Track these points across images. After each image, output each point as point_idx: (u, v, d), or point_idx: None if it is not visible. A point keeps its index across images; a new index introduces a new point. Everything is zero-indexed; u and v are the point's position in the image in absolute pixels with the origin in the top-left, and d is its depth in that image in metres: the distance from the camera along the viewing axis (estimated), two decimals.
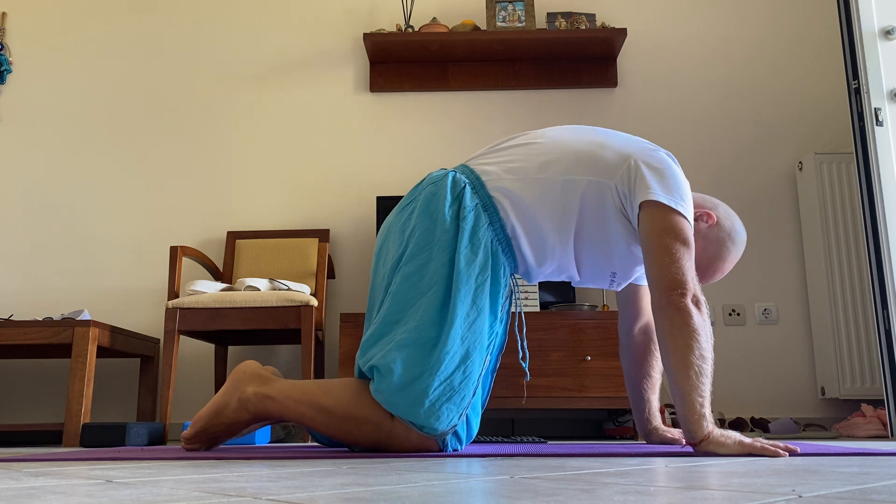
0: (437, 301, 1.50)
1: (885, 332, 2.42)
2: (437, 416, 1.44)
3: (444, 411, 1.45)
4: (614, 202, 1.57)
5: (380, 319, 1.54)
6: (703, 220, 1.69)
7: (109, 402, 3.12)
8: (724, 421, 2.88)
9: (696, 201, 1.72)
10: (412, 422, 1.45)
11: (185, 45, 3.45)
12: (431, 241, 1.55)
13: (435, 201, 1.58)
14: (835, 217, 3.03)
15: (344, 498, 0.71)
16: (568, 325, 2.69)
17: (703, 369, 1.41)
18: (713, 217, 1.69)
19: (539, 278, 1.68)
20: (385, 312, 1.54)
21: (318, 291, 2.74)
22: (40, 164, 3.33)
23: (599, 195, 1.57)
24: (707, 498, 0.69)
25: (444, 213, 1.56)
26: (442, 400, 1.45)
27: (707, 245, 1.69)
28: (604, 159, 1.58)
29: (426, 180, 1.65)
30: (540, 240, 1.59)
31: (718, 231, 1.70)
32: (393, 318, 1.52)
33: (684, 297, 1.45)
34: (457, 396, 1.47)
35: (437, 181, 1.62)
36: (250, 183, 3.31)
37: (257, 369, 1.59)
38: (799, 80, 3.36)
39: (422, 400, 1.44)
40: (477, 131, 3.34)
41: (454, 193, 1.58)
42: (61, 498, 0.73)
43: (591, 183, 1.57)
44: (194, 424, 1.58)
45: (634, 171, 1.55)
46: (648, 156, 1.58)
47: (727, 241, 1.70)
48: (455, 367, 1.47)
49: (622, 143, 1.62)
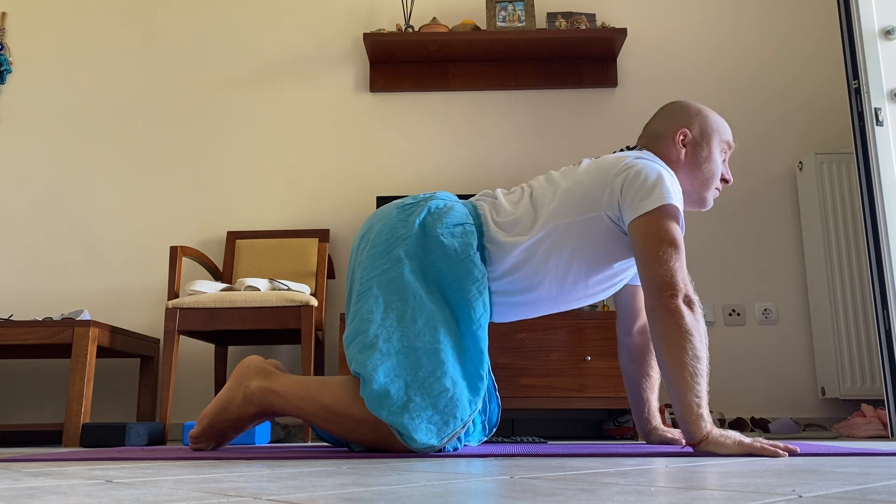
0: (420, 312, 1.51)
1: (885, 332, 2.42)
2: (416, 429, 1.43)
3: (422, 427, 1.44)
4: (608, 227, 1.60)
5: (358, 315, 1.55)
6: (680, 141, 1.73)
7: (109, 402, 3.12)
8: (724, 421, 2.88)
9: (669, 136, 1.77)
10: (395, 428, 1.45)
11: (185, 44, 3.45)
12: (417, 249, 1.57)
13: (438, 216, 1.61)
14: (835, 217, 3.03)
15: (344, 498, 0.71)
16: (568, 325, 2.69)
17: (698, 370, 1.42)
18: (686, 131, 1.74)
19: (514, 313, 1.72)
20: (363, 308, 1.54)
21: (318, 291, 2.74)
22: (40, 164, 3.33)
23: (596, 227, 1.60)
24: (707, 498, 0.69)
25: (439, 230, 1.59)
26: (422, 415, 1.44)
27: (697, 153, 1.73)
28: (587, 195, 1.61)
29: (441, 195, 1.69)
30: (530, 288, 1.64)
31: (698, 137, 1.74)
32: (368, 316, 1.53)
33: (675, 298, 1.46)
34: (437, 416, 1.45)
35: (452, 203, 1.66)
36: (250, 183, 3.31)
37: (261, 364, 1.60)
38: (799, 80, 3.36)
39: (401, 411, 1.44)
40: (477, 131, 3.34)
41: (459, 220, 1.61)
42: (61, 498, 0.73)
43: (585, 220, 1.60)
44: (200, 422, 1.58)
45: (616, 195, 1.59)
46: (622, 173, 1.60)
47: (708, 130, 1.75)
48: (437, 381, 1.46)
49: (596, 171, 1.65)
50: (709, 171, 1.74)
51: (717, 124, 1.76)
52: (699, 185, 1.76)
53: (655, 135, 1.77)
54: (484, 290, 1.57)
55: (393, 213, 1.64)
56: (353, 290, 1.63)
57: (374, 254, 1.59)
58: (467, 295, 1.55)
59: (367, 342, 1.50)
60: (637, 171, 1.58)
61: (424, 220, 1.61)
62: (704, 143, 1.74)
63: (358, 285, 1.59)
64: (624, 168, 1.60)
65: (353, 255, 1.70)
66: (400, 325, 1.50)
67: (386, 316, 1.52)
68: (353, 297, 1.62)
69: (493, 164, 3.30)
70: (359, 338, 1.51)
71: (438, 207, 1.64)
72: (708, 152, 1.74)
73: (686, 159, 1.73)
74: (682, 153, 1.73)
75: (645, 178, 1.56)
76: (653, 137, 1.77)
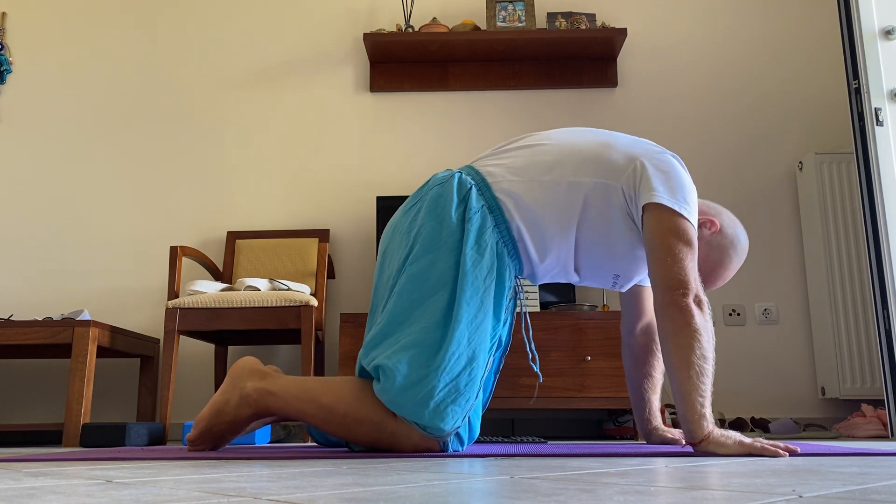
0: (443, 303, 1.50)
1: (885, 332, 2.42)
2: (443, 418, 1.44)
3: (449, 412, 1.45)
4: (620, 204, 1.57)
5: (384, 319, 1.54)
6: (707, 227, 1.69)
7: (109, 402, 3.12)
8: (724, 421, 2.88)
9: (700, 208, 1.72)
10: (416, 422, 1.45)
11: (185, 44, 3.45)
12: (438, 242, 1.55)
13: (441, 202, 1.58)
14: (835, 217, 3.03)
15: (344, 498, 0.71)
16: (568, 325, 2.69)
17: (704, 369, 1.41)
18: (716, 224, 1.69)
19: (544, 279, 1.68)
20: (390, 313, 1.53)
21: (318, 291, 2.74)
22: (40, 164, 3.33)
23: (605, 196, 1.57)
24: (707, 498, 0.69)
25: (450, 215, 1.56)
26: (447, 401, 1.45)
27: (710, 252, 1.70)
28: (610, 161, 1.59)
29: (432, 181, 1.65)
30: (543, 240, 1.59)
31: (721, 238, 1.70)
32: (398, 318, 1.52)
33: (686, 296, 1.46)
34: (462, 398, 1.46)
35: (443, 182, 1.62)
36: (250, 183, 3.31)
37: (255, 365, 1.59)
38: (799, 80, 3.36)
39: (427, 401, 1.44)
40: (477, 131, 3.34)
41: (460, 195, 1.59)
42: (61, 498, 0.73)
43: (597, 184, 1.57)
44: (197, 426, 1.57)
45: (640, 173, 1.55)
46: (655, 158, 1.58)
47: (729, 248, 1.70)
48: (461, 369, 1.47)
49: (628, 144, 1.62)
50: (716, 260, 1.69)
51: (731, 260, 1.71)
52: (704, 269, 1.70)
53: None
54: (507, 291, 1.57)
55: (411, 214, 1.63)
56: (381, 287, 1.62)
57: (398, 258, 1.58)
58: (501, 298, 1.55)
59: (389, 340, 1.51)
60: (669, 163, 1.57)
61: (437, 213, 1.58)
62: (719, 250, 1.70)
63: (388, 283, 1.59)
64: (655, 152, 1.59)
65: (384, 243, 1.68)
66: (421, 318, 1.50)
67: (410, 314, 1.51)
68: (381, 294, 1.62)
69: None
70: (388, 340, 1.51)
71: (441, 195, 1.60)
72: (717, 257, 1.69)
73: (705, 238, 1.68)
74: (708, 231, 1.69)
75: (678, 174, 1.56)
76: None
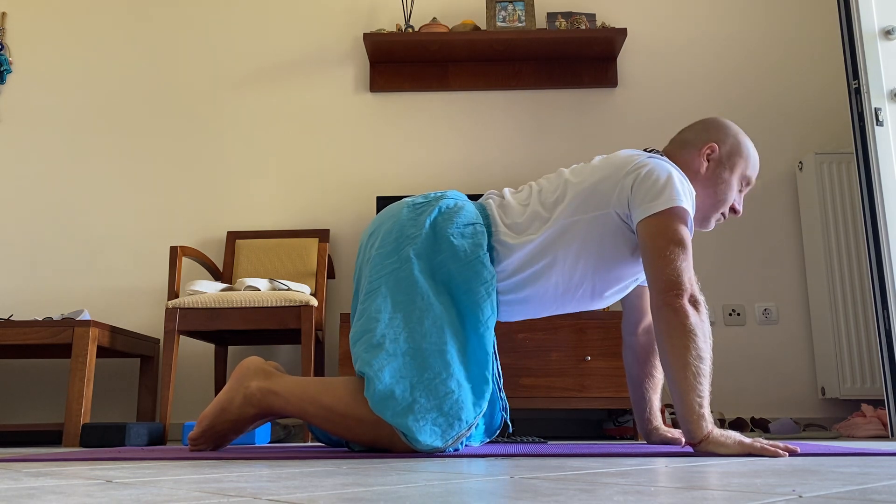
0: (428, 313, 1.51)
1: (885, 332, 2.42)
2: (421, 430, 1.43)
3: (426, 429, 1.44)
4: (618, 225, 1.59)
5: (365, 314, 1.55)
6: (706, 153, 1.70)
7: (109, 402, 3.12)
8: (724, 421, 2.88)
9: None
10: (398, 429, 1.45)
11: (185, 44, 3.45)
12: (426, 249, 1.57)
13: (448, 216, 1.61)
14: (835, 217, 3.03)
15: (344, 498, 0.71)
16: (568, 324, 2.69)
17: (701, 370, 1.42)
18: (714, 145, 1.70)
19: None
20: (371, 307, 1.54)
21: (317, 291, 2.74)
22: (40, 164, 3.33)
23: (603, 225, 1.59)
24: (707, 498, 0.69)
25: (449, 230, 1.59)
26: (427, 417, 1.44)
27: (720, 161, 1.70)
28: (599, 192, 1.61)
29: (451, 194, 1.69)
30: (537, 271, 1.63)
31: (724, 147, 1.71)
32: (376, 315, 1.53)
33: (680, 297, 1.46)
34: (442, 418, 1.45)
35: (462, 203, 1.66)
36: (250, 183, 3.31)
37: (260, 364, 1.60)
38: (799, 80, 3.36)
39: (406, 413, 1.44)
40: (477, 131, 3.34)
41: (469, 220, 1.61)
42: (61, 498, 0.73)
43: (594, 217, 1.59)
44: (200, 424, 1.58)
45: (626, 192, 1.58)
46: (634, 170, 1.59)
47: (736, 136, 1.72)
48: (443, 383, 1.46)
49: (609, 166, 1.64)
50: (722, 193, 1.72)
51: (747, 153, 1.72)
52: (708, 205, 1.73)
53: (684, 142, 1.74)
54: (492, 291, 1.57)
55: (403, 212, 1.64)
56: (361, 288, 1.62)
57: (384, 252, 1.59)
58: (475, 296, 1.55)
59: (373, 342, 1.50)
60: (648, 171, 1.57)
61: (435, 219, 1.61)
62: (728, 166, 1.71)
63: (366, 283, 1.59)
64: (635, 167, 1.59)
65: (360, 252, 1.69)
66: (407, 325, 1.50)
67: (393, 316, 1.52)
68: (360, 295, 1.62)
69: (493, 164, 3.30)
70: (365, 337, 1.51)
71: (449, 207, 1.64)
72: (728, 175, 1.71)
73: (705, 174, 1.71)
74: (704, 167, 1.70)
75: (656, 178, 1.55)
76: (680, 144, 1.75)
